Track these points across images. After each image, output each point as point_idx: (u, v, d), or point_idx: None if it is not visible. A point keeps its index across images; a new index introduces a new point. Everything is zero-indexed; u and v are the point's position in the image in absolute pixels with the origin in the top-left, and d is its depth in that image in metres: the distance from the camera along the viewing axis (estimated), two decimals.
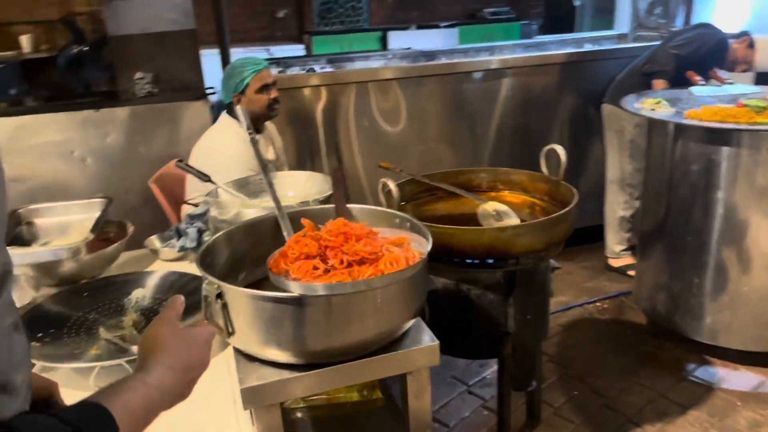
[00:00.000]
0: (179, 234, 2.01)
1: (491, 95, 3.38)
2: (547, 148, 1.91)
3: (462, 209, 2.00)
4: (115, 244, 1.91)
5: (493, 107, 3.41)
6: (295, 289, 1.09)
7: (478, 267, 1.67)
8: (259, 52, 6.03)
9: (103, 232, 2.09)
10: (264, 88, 2.39)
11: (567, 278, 3.46)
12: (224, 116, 2.45)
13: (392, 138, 3.26)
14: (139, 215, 2.77)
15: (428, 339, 1.27)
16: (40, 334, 1.45)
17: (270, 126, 2.65)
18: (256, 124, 2.46)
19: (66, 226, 2.02)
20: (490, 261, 1.66)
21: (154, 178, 2.45)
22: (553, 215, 1.67)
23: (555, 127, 3.55)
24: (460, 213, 2.00)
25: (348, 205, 1.55)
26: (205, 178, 2.01)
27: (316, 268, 1.14)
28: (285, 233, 1.43)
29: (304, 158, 3.16)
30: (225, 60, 2.89)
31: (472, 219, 1.88)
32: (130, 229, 2.01)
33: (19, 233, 2.00)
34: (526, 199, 2.03)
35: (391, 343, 1.25)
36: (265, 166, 1.68)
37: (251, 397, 1.16)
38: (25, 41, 6.78)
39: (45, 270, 1.80)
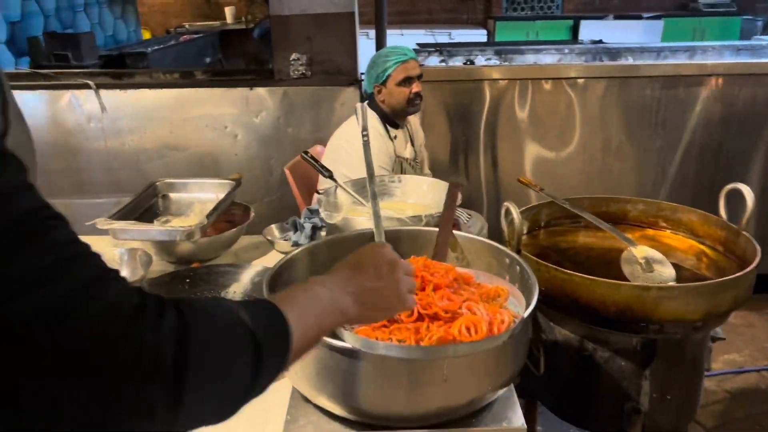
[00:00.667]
0: (296, 227, 1.94)
1: (683, 107, 2.87)
2: (729, 187, 1.51)
3: (608, 244, 1.68)
4: (233, 230, 1.89)
5: (683, 122, 2.89)
6: (347, 339, 0.92)
7: (608, 326, 1.36)
8: (439, 35, 5.86)
9: (230, 214, 2.09)
10: (406, 81, 2.22)
11: (746, 332, 2.89)
12: (365, 109, 2.32)
13: (550, 146, 2.92)
14: (277, 197, 2.80)
15: (517, 420, 1.03)
16: None
17: (413, 120, 2.48)
18: (394, 118, 2.31)
19: (193, 204, 2.05)
20: (625, 322, 1.34)
21: (290, 164, 2.42)
22: (720, 280, 1.30)
23: (757, 154, 2.93)
24: (603, 249, 1.68)
25: (455, 231, 1.33)
26: (326, 173, 1.91)
27: None
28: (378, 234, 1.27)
29: (456, 157, 2.96)
30: (380, 44, 2.76)
31: (616, 261, 1.55)
32: (251, 215, 1.98)
33: (154, 205, 2.07)
34: (693, 245, 1.64)
35: (468, 414, 1.03)
36: (371, 175, 1.51)
37: None
38: (229, 12, 7.30)
39: (162, 248, 1.84)
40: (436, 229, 1.34)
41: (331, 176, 1.90)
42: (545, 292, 1.36)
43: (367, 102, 2.33)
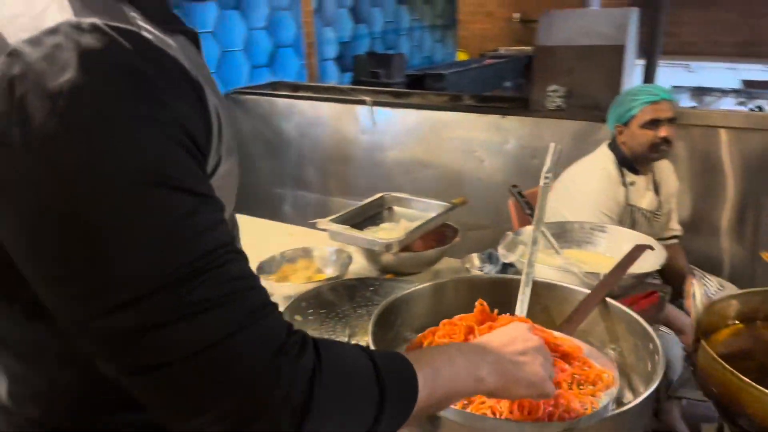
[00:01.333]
0: (491, 259, 1.92)
1: None
2: None
3: None
4: (433, 249, 1.96)
5: None
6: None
7: None
8: (724, 71, 5.03)
9: (440, 234, 2.16)
10: (653, 123, 1.99)
11: None
12: (602, 147, 2.16)
13: None
14: (502, 227, 2.78)
15: None
16: (310, 311, 1.64)
17: (663, 166, 2.21)
18: (634, 163, 2.09)
19: (410, 218, 2.18)
20: None
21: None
22: None
23: None
24: None
25: (614, 302, 1.17)
26: (527, 210, 1.84)
27: None
28: (518, 307, 1.21)
29: (742, 218, 2.53)
30: (648, 77, 2.52)
31: None
32: (456, 239, 2.03)
33: (378, 215, 2.27)
34: None
35: None
36: (539, 220, 1.42)
37: None
38: None
39: (369, 255, 2.01)
40: (587, 292, 1.20)
41: (530, 214, 1.83)
42: (719, 399, 1.13)
43: (608, 143, 2.16)
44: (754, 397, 1.06)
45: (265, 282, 1.68)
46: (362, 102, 3.09)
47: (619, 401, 1.00)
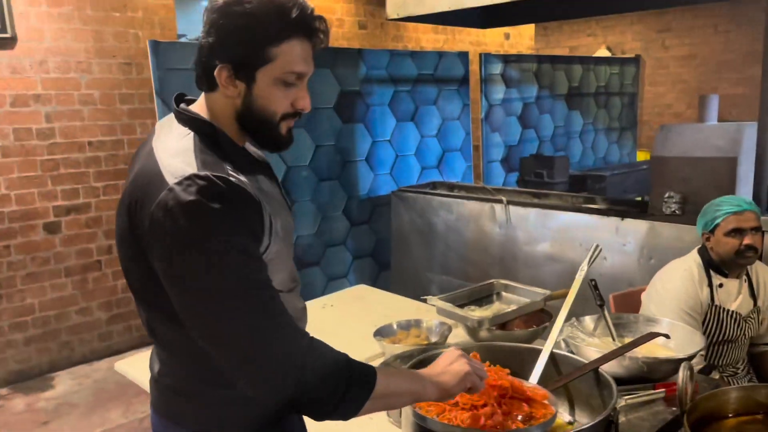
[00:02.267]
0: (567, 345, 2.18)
1: None
2: None
3: None
4: (525, 330, 2.29)
5: None
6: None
7: None
8: None
9: (536, 318, 2.47)
10: (735, 232, 2.14)
11: None
12: (693, 251, 2.32)
13: None
14: None
15: None
16: (399, 364, 2.07)
17: (762, 271, 2.29)
18: (722, 267, 2.22)
19: (516, 303, 2.52)
20: None
21: (620, 293, 2.60)
22: None
23: None
24: None
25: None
26: (597, 302, 2.09)
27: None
28: (534, 372, 1.54)
29: None
30: (761, 155, 2.58)
31: None
32: (546, 323, 2.32)
33: (487, 298, 2.65)
34: None
35: None
36: (566, 306, 1.73)
37: None
38: None
39: (469, 330, 2.39)
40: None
41: (600, 305, 2.09)
42: None
43: (698, 247, 2.32)
44: None
45: (378, 343, 2.17)
46: (500, 201, 3.53)
47: None
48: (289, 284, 1.28)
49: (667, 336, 1.73)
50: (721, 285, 2.24)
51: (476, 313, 2.47)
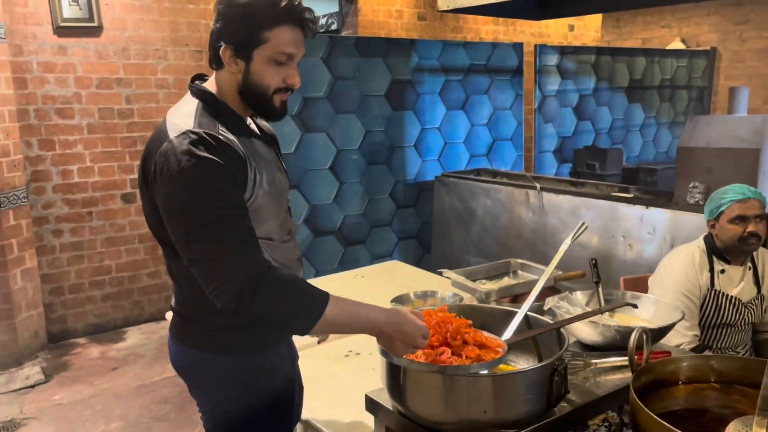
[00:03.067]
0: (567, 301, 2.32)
1: None
2: None
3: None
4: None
5: None
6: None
7: None
8: None
9: (551, 294, 2.61)
10: (739, 219, 2.20)
11: None
12: (699, 237, 2.39)
13: None
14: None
15: None
16: None
17: (766, 256, 2.33)
18: (725, 253, 2.28)
19: (529, 284, 2.67)
20: None
21: (631, 276, 2.69)
22: None
23: None
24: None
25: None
26: (594, 279, 2.21)
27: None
28: (505, 334, 1.72)
29: None
30: None
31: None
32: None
33: (503, 274, 2.81)
34: None
35: None
36: (546, 275, 1.88)
37: None
38: None
39: (478, 300, 2.57)
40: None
41: (597, 282, 2.21)
42: None
43: (705, 234, 2.38)
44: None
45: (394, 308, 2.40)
46: (534, 187, 3.65)
47: None
48: (282, 235, 1.51)
49: (634, 305, 1.85)
50: (722, 271, 2.30)
51: (486, 285, 2.65)
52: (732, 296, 2.28)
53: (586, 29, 7.01)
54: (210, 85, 1.43)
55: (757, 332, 2.39)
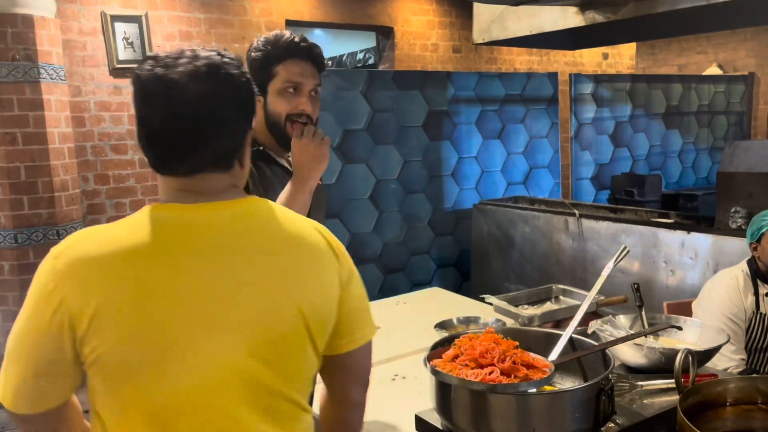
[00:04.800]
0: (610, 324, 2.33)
1: None
2: None
3: None
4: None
5: None
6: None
7: None
8: None
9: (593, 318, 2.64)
10: None
11: None
12: (743, 261, 2.39)
13: None
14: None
15: None
16: None
17: None
18: (764, 275, 2.29)
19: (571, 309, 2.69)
20: None
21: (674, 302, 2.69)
22: None
23: None
24: None
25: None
26: (637, 303, 2.23)
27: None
28: (551, 355, 1.77)
29: None
30: None
31: None
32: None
33: (545, 299, 2.84)
34: None
35: None
36: (588, 299, 1.92)
37: None
38: None
39: (521, 325, 2.61)
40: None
41: (640, 306, 2.23)
42: None
43: (748, 258, 2.39)
44: None
45: (438, 333, 2.44)
46: (572, 214, 3.69)
47: None
48: None
49: (679, 328, 1.87)
50: (767, 294, 2.30)
51: (528, 311, 2.69)
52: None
53: (621, 57, 7.05)
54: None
55: None
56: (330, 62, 7.30)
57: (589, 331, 2.12)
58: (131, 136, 4.40)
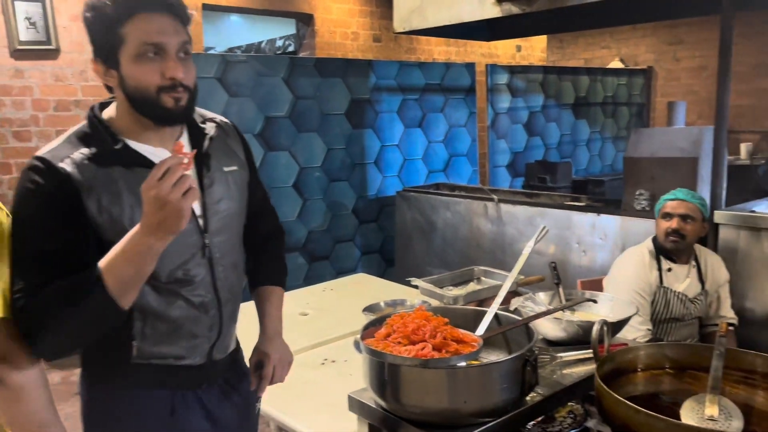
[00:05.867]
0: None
1: None
2: None
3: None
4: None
5: None
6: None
7: None
8: None
9: (507, 299, 2.76)
10: (666, 216, 2.42)
11: None
12: (647, 240, 2.58)
13: None
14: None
15: None
16: None
17: (714, 259, 2.54)
18: (663, 252, 2.48)
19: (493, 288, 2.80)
20: None
21: (588, 280, 2.87)
22: None
23: None
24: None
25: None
26: (555, 280, 2.36)
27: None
28: (478, 330, 1.84)
29: None
30: (717, 156, 2.81)
31: None
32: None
33: (467, 281, 2.94)
34: None
35: None
36: (510, 278, 2.01)
37: None
38: (744, 149, 7.34)
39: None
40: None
41: (557, 284, 2.36)
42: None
43: (653, 236, 2.58)
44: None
45: (366, 317, 2.47)
46: (491, 199, 3.82)
47: None
48: (164, 277, 1.28)
49: (595, 301, 2.00)
50: (669, 269, 2.50)
51: (453, 291, 2.77)
52: (679, 292, 2.47)
53: (533, 50, 7.34)
54: (111, 108, 1.31)
55: (703, 326, 2.59)
56: (245, 49, 7.15)
57: (512, 308, 2.22)
58: (35, 122, 4.14)
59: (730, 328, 2.54)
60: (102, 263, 1.13)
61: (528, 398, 1.67)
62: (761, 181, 6.17)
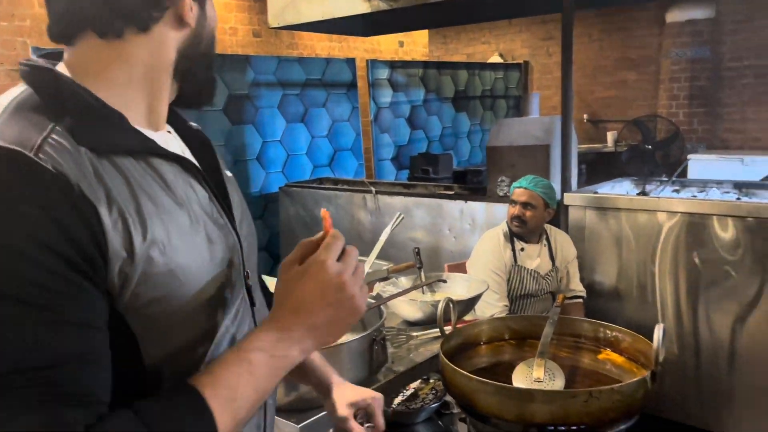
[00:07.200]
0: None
1: None
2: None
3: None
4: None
5: None
6: None
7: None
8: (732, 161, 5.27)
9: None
10: (512, 203, 2.63)
11: None
12: (503, 223, 2.77)
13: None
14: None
15: None
16: None
17: (562, 238, 2.77)
18: (519, 234, 2.68)
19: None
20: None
21: (454, 264, 3.03)
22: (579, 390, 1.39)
23: None
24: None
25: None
26: (417, 264, 2.49)
27: None
28: None
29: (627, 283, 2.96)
30: (565, 143, 3.06)
31: None
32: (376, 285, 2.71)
33: None
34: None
35: None
36: (369, 259, 2.10)
37: None
38: (610, 137, 7.90)
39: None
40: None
41: (419, 268, 2.48)
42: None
43: (507, 219, 2.77)
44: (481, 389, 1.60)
45: None
46: (369, 191, 3.92)
47: None
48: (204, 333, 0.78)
49: (444, 281, 2.13)
50: (522, 249, 2.69)
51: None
52: (532, 270, 2.67)
53: (415, 45, 7.54)
54: (71, 65, 0.80)
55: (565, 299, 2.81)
56: None
57: (374, 294, 2.32)
58: None
59: (579, 300, 2.77)
60: (206, 393, 0.68)
61: (381, 376, 1.76)
62: (625, 166, 6.72)
